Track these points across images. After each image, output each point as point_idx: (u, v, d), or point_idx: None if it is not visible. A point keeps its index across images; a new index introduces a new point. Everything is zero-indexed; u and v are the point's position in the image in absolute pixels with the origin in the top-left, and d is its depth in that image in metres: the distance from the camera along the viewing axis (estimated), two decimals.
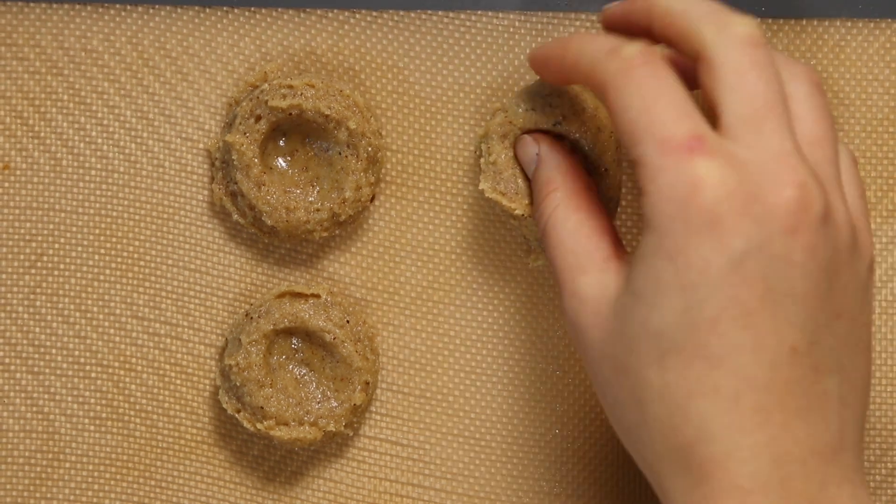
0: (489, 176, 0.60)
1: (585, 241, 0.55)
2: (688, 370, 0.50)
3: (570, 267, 0.54)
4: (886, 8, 0.63)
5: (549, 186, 0.57)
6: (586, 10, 0.63)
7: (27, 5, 0.63)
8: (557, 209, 0.56)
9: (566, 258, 0.55)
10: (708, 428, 0.50)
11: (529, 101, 0.60)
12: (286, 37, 0.64)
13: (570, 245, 0.55)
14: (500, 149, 0.60)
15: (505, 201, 0.60)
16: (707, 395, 0.50)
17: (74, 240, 0.64)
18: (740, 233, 0.50)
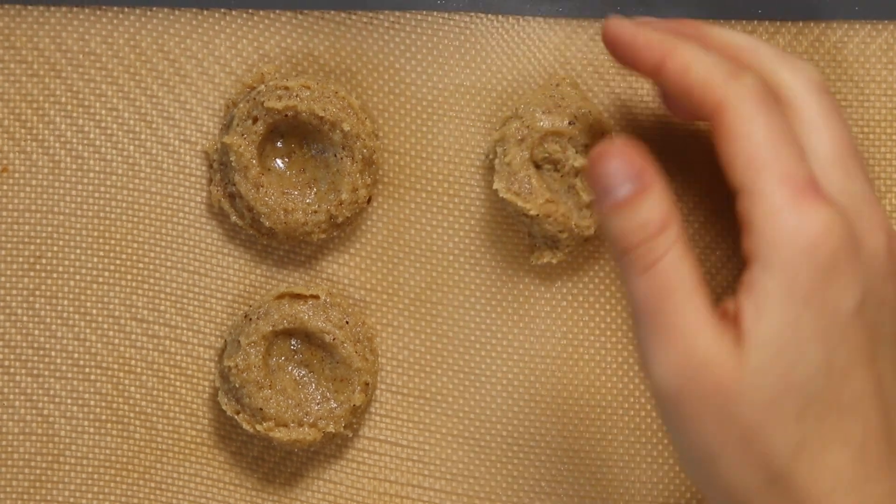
0: (503, 176, 0.61)
1: (703, 291, 0.50)
2: (823, 422, 0.49)
3: (683, 323, 0.49)
4: (885, 9, 0.63)
5: (659, 223, 0.50)
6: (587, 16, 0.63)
7: (24, 8, 0.63)
8: (670, 252, 0.50)
9: (677, 310, 0.49)
10: (842, 479, 0.49)
11: (542, 104, 0.61)
12: (283, 38, 0.64)
13: (684, 296, 0.50)
14: (515, 151, 0.61)
15: (520, 202, 0.60)
16: (840, 446, 0.49)
17: (73, 242, 0.64)
18: (858, 279, 0.49)
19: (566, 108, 0.60)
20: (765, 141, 0.50)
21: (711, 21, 0.63)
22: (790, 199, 0.49)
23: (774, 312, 0.49)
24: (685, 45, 0.53)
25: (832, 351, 0.49)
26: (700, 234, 0.63)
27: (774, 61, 0.53)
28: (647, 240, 0.50)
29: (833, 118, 0.52)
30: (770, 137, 0.50)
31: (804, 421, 0.49)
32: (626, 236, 0.50)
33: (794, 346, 0.49)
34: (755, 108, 0.50)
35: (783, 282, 0.49)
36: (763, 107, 0.50)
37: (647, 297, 0.50)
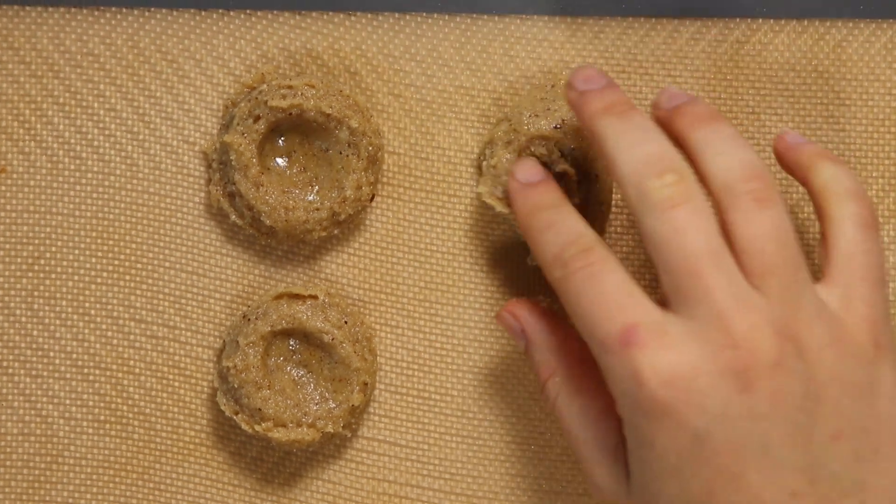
0: (487, 180, 0.60)
1: (593, 429, 0.56)
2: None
3: (585, 458, 0.56)
4: (888, 8, 0.63)
5: (545, 371, 0.57)
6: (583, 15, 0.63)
7: (23, 8, 0.63)
8: (559, 396, 0.57)
9: (579, 448, 0.56)
10: None
11: (531, 107, 0.60)
12: (282, 38, 0.63)
13: (578, 434, 0.56)
14: (502, 154, 0.61)
15: (500, 206, 0.60)
16: None
17: (72, 242, 0.64)
18: (693, 410, 0.50)
19: (556, 111, 0.60)
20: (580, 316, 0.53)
21: (713, 20, 0.63)
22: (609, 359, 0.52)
23: (632, 459, 0.53)
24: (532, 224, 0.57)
25: (689, 481, 0.51)
26: None
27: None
28: (541, 386, 0.58)
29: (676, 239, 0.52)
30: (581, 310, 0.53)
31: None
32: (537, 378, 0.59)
33: (652, 485, 0.52)
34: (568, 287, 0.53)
35: (630, 430, 0.52)
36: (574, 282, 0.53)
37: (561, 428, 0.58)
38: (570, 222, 0.55)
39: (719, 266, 0.51)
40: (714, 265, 0.51)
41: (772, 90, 0.63)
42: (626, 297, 0.52)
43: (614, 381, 0.52)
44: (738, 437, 0.50)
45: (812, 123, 0.63)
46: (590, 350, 0.53)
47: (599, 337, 0.52)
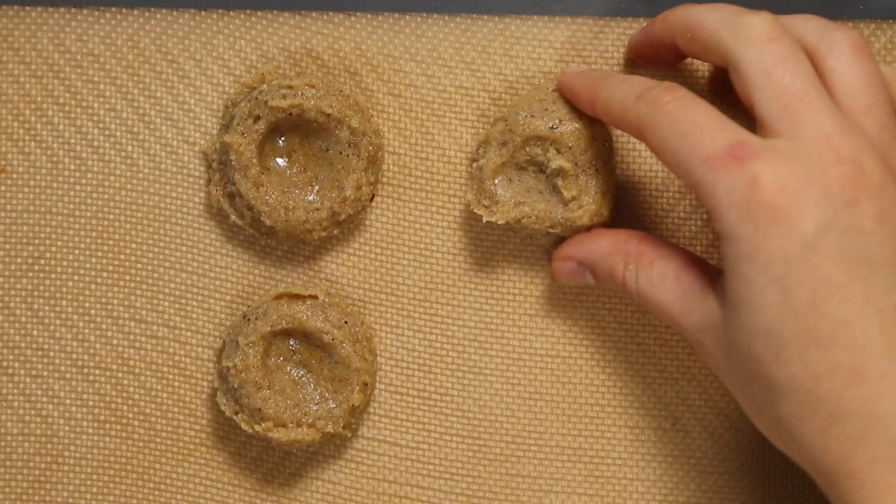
0: (474, 186, 0.61)
1: (676, 286, 0.56)
2: (805, 357, 0.51)
3: (678, 313, 0.56)
4: (888, 8, 0.63)
5: (618, 272, 0.59)
6: (583, 15, 0.63)
7: (23, 9, 0.63)
8: (639, 280, 0.58)
9: (671, 308, 0.57)
10: (838, 407, 0.51)
11: (528, 108, 0.61)
12: (282, 38, 0.63)
13: (667, 298, 0.57)
14: (493, 155, 0.61)
15: (486, 215, 0.61)
16: (831, 375, 0.51)
17: (72, 242, 0.64)
18: (805, 216, 0.51)
19: (553, 112, 0.60)
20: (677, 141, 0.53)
21: None
22: (717, 174, 0.52)
23: (729, 278, 0.53)
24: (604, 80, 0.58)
25: (792, 291, 0.51)
26: (704, 232, 0.63)
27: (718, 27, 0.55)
28: (620, 284, 0.59)
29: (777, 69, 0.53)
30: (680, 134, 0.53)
31: (785, 361, 0.51)
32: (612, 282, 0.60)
33: (749, 300, 0.52)
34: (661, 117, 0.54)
35: (732, 246, 0.52)
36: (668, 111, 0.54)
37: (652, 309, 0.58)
38: (641, 77, 0.57)
39: (823, 95, 0.53)
40: (819, 92, 0.53)
41: None
42: (726, 121, 0.53)
43: (722, 195, 0.52)
44: (846, 248, 0.51)
45: None
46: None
47: (704, 155, 0.52)
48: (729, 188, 0.52)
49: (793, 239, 0.51)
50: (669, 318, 0.57)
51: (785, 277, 0.51)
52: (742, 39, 0.54)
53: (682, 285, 0.56)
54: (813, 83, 0.53)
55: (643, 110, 0.55)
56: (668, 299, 0.56)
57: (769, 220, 0.51)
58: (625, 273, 0.58)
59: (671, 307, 0.56)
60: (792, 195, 0.51)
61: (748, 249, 0.52)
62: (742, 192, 0.52)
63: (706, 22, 0.55)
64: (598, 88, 0.58)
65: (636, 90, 0.56)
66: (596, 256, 0.59)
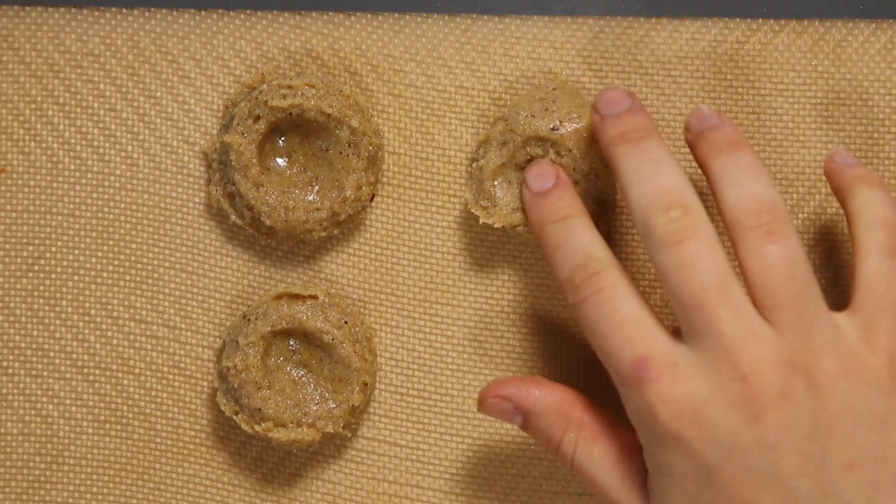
0: (472, 186, 0.61)
1: (615, 471, 0.56)
2: None
3: (613, 497, 0.56)
4: (888, 8, 0.63)
5: (556, 432, 0.57)
6: (583, 15, 0.63)
7: (23, 9, 0.63)
8: (577, 450, 0.57)
9: (606, 492, 0.56)
10: None
11: (528, 107, 0.60)
12: (282, 38, 0.63)
13: (604, 480, 0.56)
14: (493, 155, 0.61)
15: (483, 217, 0.60)
16: None
17: (72, 242, 0.64)
18: (705, 442, 0.51)
19: (554, 112, 0.60)
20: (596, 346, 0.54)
21: (713, 20, 0.63)
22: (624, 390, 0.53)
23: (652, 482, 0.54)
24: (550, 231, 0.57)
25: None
26: None
27: None
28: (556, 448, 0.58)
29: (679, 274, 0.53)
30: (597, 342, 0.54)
31: None
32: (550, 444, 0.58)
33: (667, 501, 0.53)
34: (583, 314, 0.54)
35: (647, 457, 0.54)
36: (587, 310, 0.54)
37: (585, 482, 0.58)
38: (578, 238, 0.56)
39: (727, 300, 0.52)
40: (721, 299, 0.52)
41: (772, 90, 0.63)
42: (637, 327, 0.53)
43: (631, 411, 0.53)
44: (750, 467, 0.51)
45: (812, 124, 0.63)
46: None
47: (616, 367, 0.53)
48: (636, 408, 0.53)
49: (696, 464, 0.51)
50: (601, 496, 0.56)
51: (699, 496, 0.52)
52: (652, 240, 0.53)
53: (620, 472, 0.56)
54: (716, 288, 0.52)
55: (570, 299, 0.55)
56: (605, 482, 0.56)
57: (672, 446, 0.52)
58: (563, 438, 0.57)
59: (607, 490, 0.56)
60: (689, 422, 0.51)
61: (662, 466, 0.52)
62: (644, 416, 0.52)
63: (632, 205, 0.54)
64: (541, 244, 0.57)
65: (565, 273, 0.55)
66: (536, 408, 0.57)
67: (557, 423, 0.57)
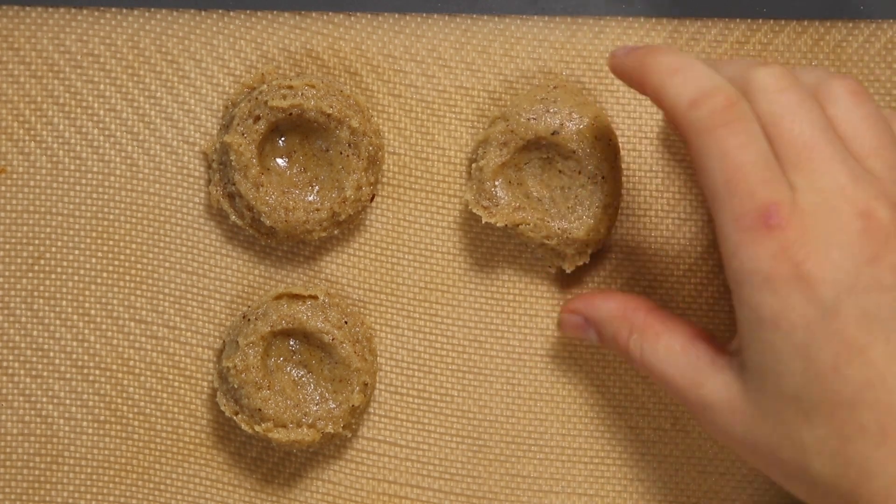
0: (473, 186, 0.61)
1: (683, 360, 0.56)
2: (833, 419, 0.51)
3: (686, 387, 0.56)
4: (888, 8, 0.63)
5: (622, 338, 0.58)
6: (583, 15, 0.63)
7: (23, 9, 0.63)
8: (643, 350, 0.57)
9: (678, 383, 0.56)
10: (866, 467, 0.51)
11: (529, 108, 0.60)
12: (282, 38, 0.63)
13: (673, 372, 0.56)
14: (493, 155, 0.61)
15: (486, 216, 0.60)
16: (856, 436, 0.51)
17: (73, 242, 0.64)
18: (826, 283, 0.51)
19: (556, 113, 0.60)
20: (718, 180, 0.52)
21: (713, 20, 0.63)
22: (742, 239, 0.52)
23: (750, 345, 0.53)
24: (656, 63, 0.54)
25: (815, 357, 0.51)
26: (704, 232, 0.63)
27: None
28: (625, 352, 0.58)
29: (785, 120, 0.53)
30: (723, 175, 0.52)
31: (815, 425, 0.52)
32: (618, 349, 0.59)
33: (774, 366, 0.52)
34: (710, 141, 0.52)
35: (751, 312, 0.52)
36: (719, 137, 0.52)
37: (656, 381, 0.57)
38: (701, 66, 0.54)
39: (835, 143, 0.53)
40: (827, 140, 0.53)
41: None
42: (767, 170, 0.52)
43: (745, 258, 0.52)
44: (867, 309, 0.51)
45: None
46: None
47: (738, 211, 0.52)
48: (754, 255, 0.52)
49: (812, 307, 0.51)
50: (675, 392, 0.56)
51: (808, 344, 0.51)
52: (752, 93, 0.53)
53: (689, 359, 0.56)
54: (823, 132, 0.53)
55: (694, 120, 0.53)
56: (674, 373, 0.56)
57: (791, 289, 0.51)
58: (629, 341, 0.58)
59: (677, 381, 0.56)
60: (815, 264, 0.51)
61: (770, 316, 0.52)
62: (767, 260, 0.51)
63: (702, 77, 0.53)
64: (647, 71, 0.54)
65: (691, 91, 0.53)
66: (602, 317, 0.59)
67: (622, 328, 0.58)
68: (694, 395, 0.55)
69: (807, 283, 0.51)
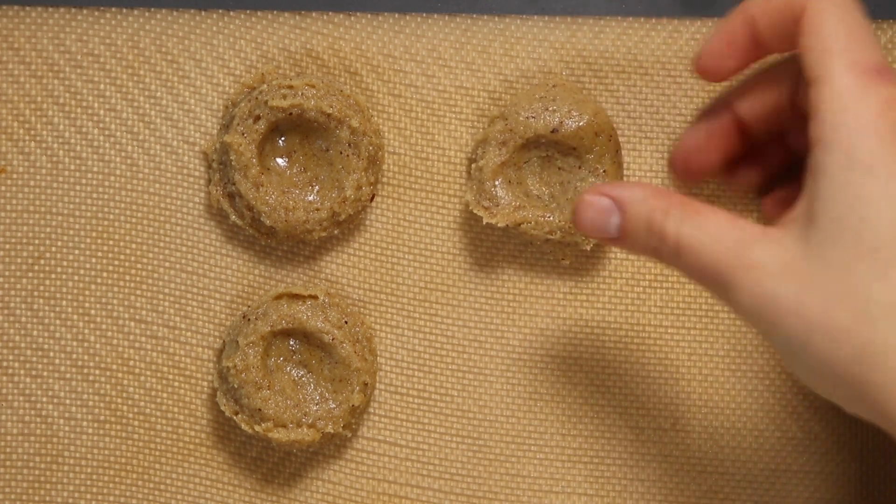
0: (473, 186, 0.61)
1: (730, 230, 0.52)
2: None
3: (730, 256, 0.51)
4: (888, 8, 0.63)
5: (659, 215, 0.54)
6: (583, 15, 0.63)
7: (23, 9, 0.63)
8: (682, 225, 0.53)
9: (719, 255, 0.52)
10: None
11: (528, 107, 0.60)
12: (282, 38, 0.63)
13: (716, 243, 0.52)
14: (493, 155, 0.61)
15: (487, 216, 0.60)
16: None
17: (73, 242, 0.64)
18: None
19: (555, 111, 0.60)
20: (837, 32, 0.52)
21: (713, 20, 0.63)
22: (855, 82, 0.51)
23: (833, 189, 0.50)
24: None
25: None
26: None
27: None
28: (660, 231, 0.53)
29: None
30: (843, 28, 0.52)
31: (889, 282, 0.49)
32: (649, 237, 0.54)
33: (860, 212, 0.49)
34: (831, 3, 0.52)
35: (841, 155, 0.50)
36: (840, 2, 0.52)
37: (692, 264, 0.53)
38: None
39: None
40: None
41: None
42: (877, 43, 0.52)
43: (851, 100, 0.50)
44: None
45: None
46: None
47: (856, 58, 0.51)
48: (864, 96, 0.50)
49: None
50: (712, 270, 0.52)
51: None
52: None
53: (735, 229, 0.52)
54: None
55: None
56: (717, 247, 0.52)
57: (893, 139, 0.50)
58: (668, 217, 0.53)
59: (719, 254, 0.51)
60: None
61: (868, 160, 0.49)
62: (878, 104, 0.50)
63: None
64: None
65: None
66: (635, 197, 0.54)
67: (659, 205, 0.53)
68: (737, 260, 0.51)
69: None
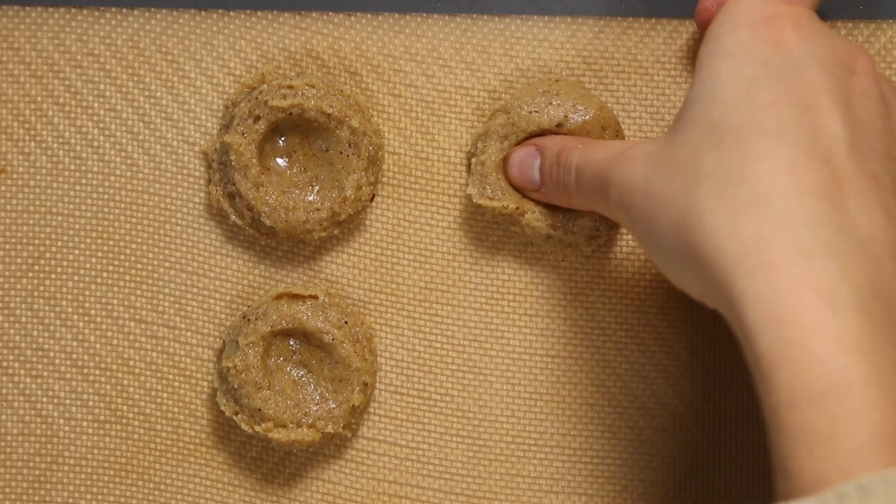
0: (476, 180, 0.61)
1: (621, 144, 0.56)
2: (745, 143, 0.50)
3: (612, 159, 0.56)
4: (888, 8, 0.63)
5: (563, 152, 0.58)
6: (583, 15, 0.63)
7: (23, 9, 0.63)
8: (582, 153, 0.57)
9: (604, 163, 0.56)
10: (766, 190, 0.49)
11: (532, 103, 0.60)
12: (282, 38, 0.63)
13: (603, 155, 0.56)
14: (494, 149, 0.61)
15: (495, 203, 0.60)
16: (764, 160, 0.50)
17: (73, 242, 0.64)
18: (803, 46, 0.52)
19: (559, 105, 0.60)
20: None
21: None
22: (760, 24, 0.53)
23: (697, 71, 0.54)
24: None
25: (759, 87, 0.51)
26: None
27: None
28: (564, 163, 0.59)
29: None
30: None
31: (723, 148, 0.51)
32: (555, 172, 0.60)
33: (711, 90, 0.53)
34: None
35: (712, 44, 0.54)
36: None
37: (584, 186, 0.58)
38: None
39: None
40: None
41: None
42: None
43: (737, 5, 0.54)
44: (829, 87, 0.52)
45: None
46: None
47: (745, 9, 0.54)
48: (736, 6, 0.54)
49: (780, 54, 0.52)
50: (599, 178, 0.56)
51: (757, 77, 0.51)
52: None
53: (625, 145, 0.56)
54: None
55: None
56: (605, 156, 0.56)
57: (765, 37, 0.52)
58: (572, 151, 0.58)
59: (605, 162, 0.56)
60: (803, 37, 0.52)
61: (733, 47, 0.53)
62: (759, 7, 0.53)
63: None
64: None
65: None
66: (552, 141, 0.60)
67: (569, 143, 0.59)
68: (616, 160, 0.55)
69: (783, 38, 0.52)
